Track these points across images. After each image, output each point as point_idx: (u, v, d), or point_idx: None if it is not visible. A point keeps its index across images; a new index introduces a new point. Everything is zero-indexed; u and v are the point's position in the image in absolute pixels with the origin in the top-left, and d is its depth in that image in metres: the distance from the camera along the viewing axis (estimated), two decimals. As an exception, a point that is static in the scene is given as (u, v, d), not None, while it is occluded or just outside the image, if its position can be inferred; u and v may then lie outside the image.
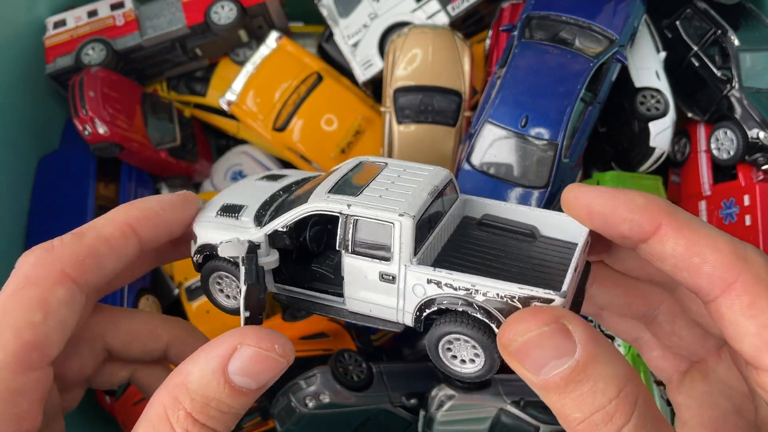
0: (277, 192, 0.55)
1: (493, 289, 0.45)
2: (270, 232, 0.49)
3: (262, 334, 0.44)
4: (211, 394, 0.43)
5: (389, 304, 0.49)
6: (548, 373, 0.41)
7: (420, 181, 0.51)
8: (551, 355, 0.41)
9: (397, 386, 0.89)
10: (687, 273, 0.46)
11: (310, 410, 0.83)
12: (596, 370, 0.40)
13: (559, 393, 0.41)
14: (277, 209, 0.52)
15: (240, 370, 0.43)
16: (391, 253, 0.47)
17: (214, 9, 1.08)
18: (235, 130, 1.19)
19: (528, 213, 0.54)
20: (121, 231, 0.50)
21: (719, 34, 0.94)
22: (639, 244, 0.48)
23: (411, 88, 0.94)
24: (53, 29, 1.09)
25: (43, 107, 1.12)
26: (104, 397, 0.99)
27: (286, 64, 1.08)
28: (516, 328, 0.42)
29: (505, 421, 0.84)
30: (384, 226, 0.47)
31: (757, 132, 0.88)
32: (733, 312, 0.44)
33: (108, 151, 1.02)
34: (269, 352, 0.43)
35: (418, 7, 1.03)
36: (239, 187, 0.57)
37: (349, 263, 0.48)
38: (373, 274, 0.48)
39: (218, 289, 0.53)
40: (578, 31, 0.85)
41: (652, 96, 0.95)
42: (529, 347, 0.41)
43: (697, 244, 0.45)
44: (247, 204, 0.53)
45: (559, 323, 0.41)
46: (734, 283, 0.44)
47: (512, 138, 0.80)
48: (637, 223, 0.46)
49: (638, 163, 0.98)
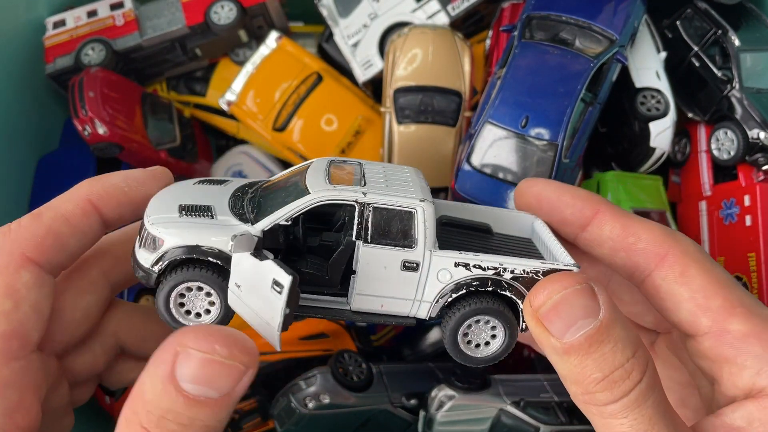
0: (236, 193, 0.50)
1: (520, 266, 0.47)
2: (268, 227, 0.45)
3: (201, 334, 0.39)
4: (165, 406, 0.38)
5: (406, 295, 0.48)
6: (574, 334, 0.42)
7: (408, 175, 0.51)
8: (580, 314, 0.42)
9: (397, 387, 0.89)
10: (624, 252, 0.50)
11: (309, 411, 0.83)
12: (616, 331, 0.42)
13: (582, 354, 0.42)
14: (258, 206, 0.48)
15: (189, 377, 0.38)
16: (415, 240, 0.46)
17: (214, 9, 1.08)
18: (235, 130, 1.19)
19: (481, 211, 0.56)
20: (81, 208, 0.48)
21: (720, 34, 0.94)
22: (579, 233, 0.52)
23: (411, 88, 0.93)
24: (53, 29, 1.09)
25: (43, 107, 1.12)
26: (104, 397, 0.99)
27: (286, 64, 1.07)
28: (551, 287, 0.44)
29: (505, 421, 0.84)
30: (405, 213, 0.46)
31: (758, 132, 0.88)
32: (668, 282, 0.48)
33: (108, 152, 1.02)
34: (211, 354, 0.38)
35: (418, 7, 1.03)
36: (179, 190, 0.51)
37: (366, 254, 0.46)
38: (394, 264, 0.46)
39: (183, 311, 0.46)
40: (578, 31, 0.85)
41: (652, 96, 0.95)
42: (561, 306, 0.43)
43: (632, 226, 0.50)
44: (211, 203, 0.48)
45: (587, 283, 0.44)
46: (666, 255, 0.48)
47: (512, 138, 0.80)
48: (579, 207, 0.52)
49: (638, 163, 0.98)
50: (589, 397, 0.43)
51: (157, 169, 0.52)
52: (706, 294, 0.47)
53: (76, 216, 0.47)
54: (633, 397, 0.42)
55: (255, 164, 1.17)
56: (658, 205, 0.96)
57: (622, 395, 0.42)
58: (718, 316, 0.46)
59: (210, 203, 0.48)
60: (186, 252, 0.44)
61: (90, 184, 0.49)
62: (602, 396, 0.42)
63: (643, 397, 0.42)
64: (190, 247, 0.44)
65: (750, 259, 0.88)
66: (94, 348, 0.54)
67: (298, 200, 0.45)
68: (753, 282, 0.87)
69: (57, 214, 0.47)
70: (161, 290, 0.45)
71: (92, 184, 0.49)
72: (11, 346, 0.44)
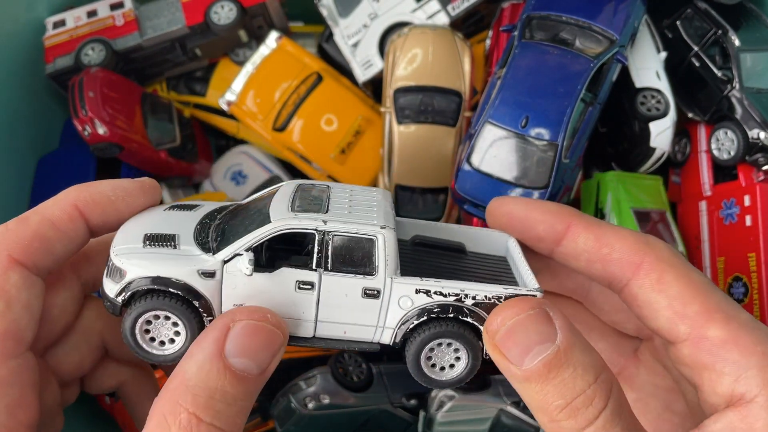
0: (204, 220, 0.51)
1: (482, 291, 0.47)
2: (228, 257, 0.46)
3: (252, 308, 0.44)
4: (212, 384, 0.41)
5: (368, 322, 0.48)
6: (532, 360, 0.42)
7: (374, 199, 0.51)
8: (535, 340, 0.42)
9: (397, 387, 0.89)
10: (600, 264, 0.50)
11: (309, 411, 0.83)
12: (575, 356, 0.42)
13: (541, 381, 0.42)
14: (222, 234, 0.48)
15: (237, 349, 0.41)
16: (376, 267, 0.46)
17: (214, 9, 1.08)
18: (235, 131, 1.19)
19: (455, 230, 0.56)
20: (67, 214, 0.48)
21: (720, 34, 0.94)
22: (555, 248, 0.52)
23: (411, 88, 0.93)
24: (53, 29, 1.09)
25: (43, 107, 1.12)
26: (104, 397, 0.99)
27: (286, 64, 1.07)
28: (504, 314, 0.44)
29: (505, 421, 0.84)
30: (366, 240, 0.46)
31: (758, 132, 0.88)
32: (645, 290, 0.48)
33: (108, 152, 1.02)
34: (262, 321, 0.43)
35: (418, 7, 1.03)
36: (147, 219, 0.51)
37: (327, 283, 0.47)
38: (355, 292, 0.47)
39: (148, 339, 0.47)
40: (578, 31, 0.85)
41: (652, 96, 0.95)
42: (515, 331, 0.43)
43: (605, 236, 0.50)
44: (177, 232, 0.48)
45: (542, 308, 0.44)
46: (641, 264, 0.48)
47: (512, 138, 0.80)
48: (550, 223, 0.52)
49: (639, 163, 0.98)
50: (556, 425, 0.42)
51: (145, 181, 0.53)
52: (683, 301, 0.46)
53: (62, 221, 0.48)
54: (599, 424, 0.41)
55: (255, 164, 1.17)
56: (658, 205, 0.96)
57: (587, 423, 0.41)
58: (696, 322, 0.45)
59: (175, 231, 0.48)
60: (148, 283, 0.45)
61: (78, 190, 0.50)
62: (567, 424, 0.42)
63: (610, 424, 0.41)
64: (152, 278, 0.45)
65: (750, 259, 0.88)
66: (80, 347, 0.55)
67: (259, 229, 0.46)
68: (753, 282, 0.87)
69: (43, 218, 0.48)
70: (126, 319, 0.46)
71: (80, 190, 0.49)
72: (7, 345, 0.45)
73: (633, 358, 0.57)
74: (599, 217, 0.95)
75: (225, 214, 0.52)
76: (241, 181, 1.17)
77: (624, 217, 0.92)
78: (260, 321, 0.43)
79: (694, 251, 0.97)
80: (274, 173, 1.16)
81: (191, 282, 0.45)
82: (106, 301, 0.47)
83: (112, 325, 0.56)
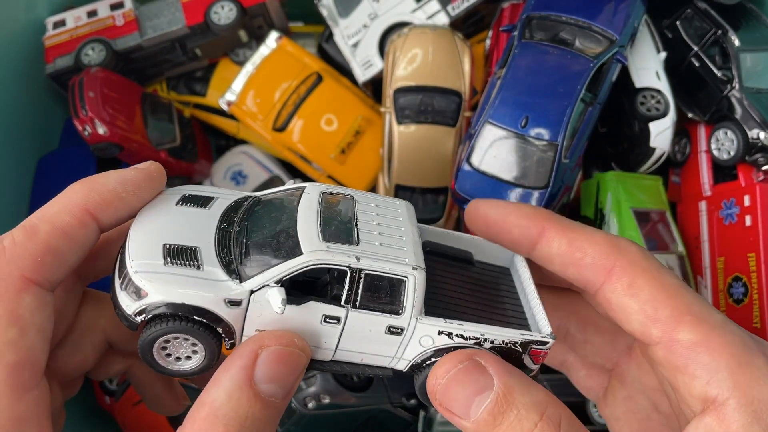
0: (222, 225, 0.49)
1: (500, 336, 0.48)
2: (257, 288, 0.44)
3: (279, 333, 0.43)
4: (243, 413, 0.40)
5: (387, 353, 0.48)
6: (476, 411, 0.43)
7: (401, 220, 0.51)
8: (473, 391, 0.43)
9: (397, 386, 0.89)
10: (573, 268, 0.50)
11: (310, 411, 0.83)
12: (515, 398, 0.43)
13: (490, 429, 0.43)
14: (246, 251, 0.46)
15: (266, 376, 0.41)
16: (403, 307, 0.46)
17: (214, 9, 1.08)
18: (235, 131, 1.19)
19: (464, 239, 0.57)
20: (78, 219, 0.45)
21: (719, 34, 0.94)
22: (530, 251, 0.53)
23: (411, 88, 0.93)
24: (53, 29, 1.09)
25: (43, 107, 1.12)
26: (104, 397, 0.99)
27: (286, 64, 1.08)
28: (437, 373, 0.45)
29: (505, 421, 0.84)
30: (396, 280, 0.46)
31: (758, 132, 0.88)
32: (617, 295, 0.48)
33: (108, 152, 1.02)
34: (290, 347, 0.43)
35: (418, 8, 1.03)
36: (162, 220, 0.48)
37: (353, 318, 0.46)
38: (379, 328, 0.47)
39: (164, 354, 0.46)
40: (578, 31, 0.85)
41: (652, 96, 0.95)
42: (452, 387, 0.44)
43: (578, 240, 0.50)
44: (197, 245, 0.46)
45: (472, 359, 0.45)
46: (613, 268, 0.48)
47: (512, 138, 0.80)
48: (525, 227, 0.52)
49: (638, 163, 0.98)
50: None
51: (151, 168, 0.50)
52: (654, 304, 0.46)
53: (73, 228, 0.44)
54: None
55: (255, 164, 1.17)
56: (658, 205, 0.96)
57: None
58: (667, 326, 0.45)
59: (196, 244, 0.46)
60: (171, 309, 0.43)
61: (85, 191, 0.46)
62: None
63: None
64: (176, 305, 0.43)
65: (750, 259, 0.88)
66: (83, 347, 0.53)
67: (290, 262, 0.44)
68: (753, 282, 0.87)
69: (54, 228, 0.44)
70: (145, 338, 0.44)
71: (87, 192, 0.46)
72: (23, 378, 0.41)
73: (626, 355, 0.57)
74: (599, 217, 0.96)
75: (244, 217, 0.49)
76: (241, 181, 1.17)
77: (624, 217, 0.92)
78: (289, 346, 0.43)
79: (693, 251, 0.97)
80: (274, 173, 1.16)
81: (216, 310, 0.44)
82: (121, 314, 0.45)
83: (115, 321, 0.54)
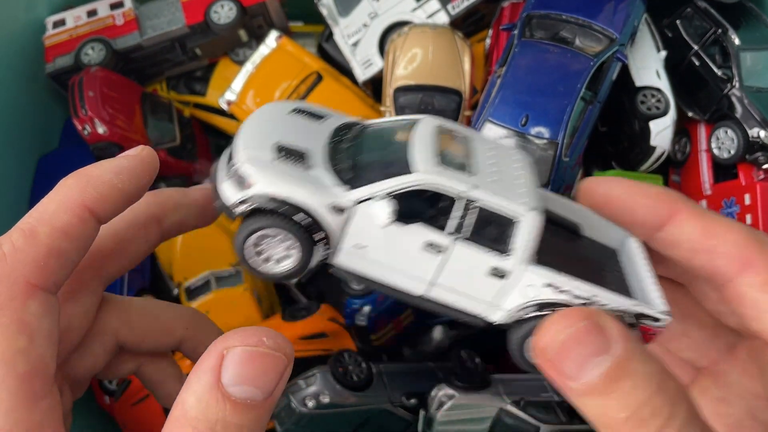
0: (334, 138, 0.47)
1: (612, 302, 0.44)
2: (364, 198, 0.42)
3: (248, 332, 0.40)
4: (212, 416, 0.38)
5: (484, 298, 0.45)
6: (588, 374, 0.39)
7: (519, 165, 0.47)
8: (590, 352, 0.39)
9: (397, 386, 0.89)
10: (705, 255, 0.46)
11: (309, 410, 0.83)
12: (634, 366, 0.39)
13: (601, 394, 0.39)
14: (355, 165, 0.44)
15: (234, 378, 0.38)
16: (512, 249, 0.43)
17: (214, 8, 1.08)
18: (235, 130, 1.19)
19: (574, 208, 0.52)
20: (78, 217, 0.43)
21: (720, 33, 0.94)
22: (654, 234, 0.48)
23: (411, 87, 0.93)
24: (53, 29, 1.09)
25: (43, 107, 1.12)
26: (104, 397, 0.99)
27: (285, 63, 1.07)
28: (553, 328, 0.41)
29: (505, 420, 0.84)
30: (509, 219, 0.43)
31: (758, 131, 0.88)
32: (754, 289, 0.44)
33: (108, 151, 1.02)
34: (258, 347, 0.39)
35: (418, 7, 1.03)
36: (276, 122, 0.47)
37: (458, 250, 0.43)
38: (483, 267, 0.43)
39: (255, 252, 0.44)
40: (578, 30, 0.85)
41: (652, 95, 0.95)
42: (568, 347, 0.40)
43: (713, 227, 0.46)
44: (307, 148, 0.44)
45: (593, 319, 0.41)
46: (752, 261, 0.45)
47: (512, 137, 0.80)
48: (653, 207, 0.48)
49: (639, 162, 0.98)
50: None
51: (143, 152, 0.48)
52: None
53: (73, 227, 0.43)
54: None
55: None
56: (658, 204, 0.96)
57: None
58: None
59: (307, 147, 0.44)
60: (275, 204, 0.42)
61: (80, 186, 0.45)
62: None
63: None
64: (280, 200, 0.42)
65: (750, 258, 0.88)
66: (94, 350, 0.52)
67: (402, 178, 0.42)
68: (753, 281, 0.87)
69: (54, 229, 0.43)
70: (242, 231, 0.43)
71: (83, 186, 0.45)
72: (35, 387, 0.40)
73: (727, 354, 0.54)
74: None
75: (356, 134, 0.47)
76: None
77: (624, 216, 0.92)
78: (256, 346, 0.39)
79: (694, 250, 0.97)
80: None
81: (318, 213, 0.42)
82: (220, 205, 0.44)
83: (127, 323, 0.53)
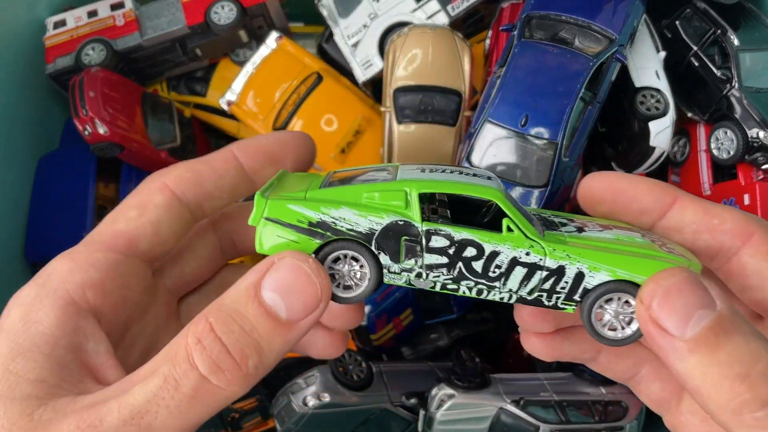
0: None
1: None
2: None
3: (297, 251, 0.44)
4: (237, 307, 0.42)
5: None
6: (695, 327, 0.38)
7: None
8: (694, 303, 0.39)
9: (397, 386, 0.89)
10: (708, 234, 0.49)
11: (310, 410, 0.83)
12: (739, 321, 0.39)
13: (710, 350, 0.38)
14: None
15: (272, 282, 0.42)
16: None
17: (214, 9, 1.08)
18: (235, 130, 1.19)
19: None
20: (221, 155, 0.52)
21: (719, 33, 0.94)
22: (658, 220, 0.51)
23: (411, 88, 0.94)
24: (53, 29, 1.09)
25: (43, 107, 1.12)
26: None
27: (286, 64, 1.08)
28: (656, 280, 0.41)
29: (505, 420, 0.84)
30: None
31: (757, 131, 0.88)
32: (756, 259, 0.47)
33: (108, 151, 1.02)
34: (303, 262, 0.42)
35: (418, 7, 1.03)
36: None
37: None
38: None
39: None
40: (578, 30, 0.85)
41: (651, 95, 0.95)
42: (671, 297, 0.39)
43: (713, 209, 0.50)
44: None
45: (693, 273, 0.41)
46: (753, 234, 0.47)
47: (512, 137, 0.80)
48: (658, 195, 0.51)
49: (638, 162, 0.98)
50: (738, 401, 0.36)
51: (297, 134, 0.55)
52: None
53: (216, 160, 0.52)
54: None
55: (255, 164, 1.17)
56: (657, 205, 0.96)
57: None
58: None
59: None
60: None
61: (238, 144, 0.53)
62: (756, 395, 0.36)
63: None
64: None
65: (749, 258, 0.88)
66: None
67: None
68: (752, 281, 0.87)
69: (199, 159, 0.52)
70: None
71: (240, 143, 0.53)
72: (117, 241, 0.48)
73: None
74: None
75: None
76: (241, 180, 1.17)
77: (623, 216, 0.92)
78: (301, 261, 0.43)
79: (693, 250, 0.97)
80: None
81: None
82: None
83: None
